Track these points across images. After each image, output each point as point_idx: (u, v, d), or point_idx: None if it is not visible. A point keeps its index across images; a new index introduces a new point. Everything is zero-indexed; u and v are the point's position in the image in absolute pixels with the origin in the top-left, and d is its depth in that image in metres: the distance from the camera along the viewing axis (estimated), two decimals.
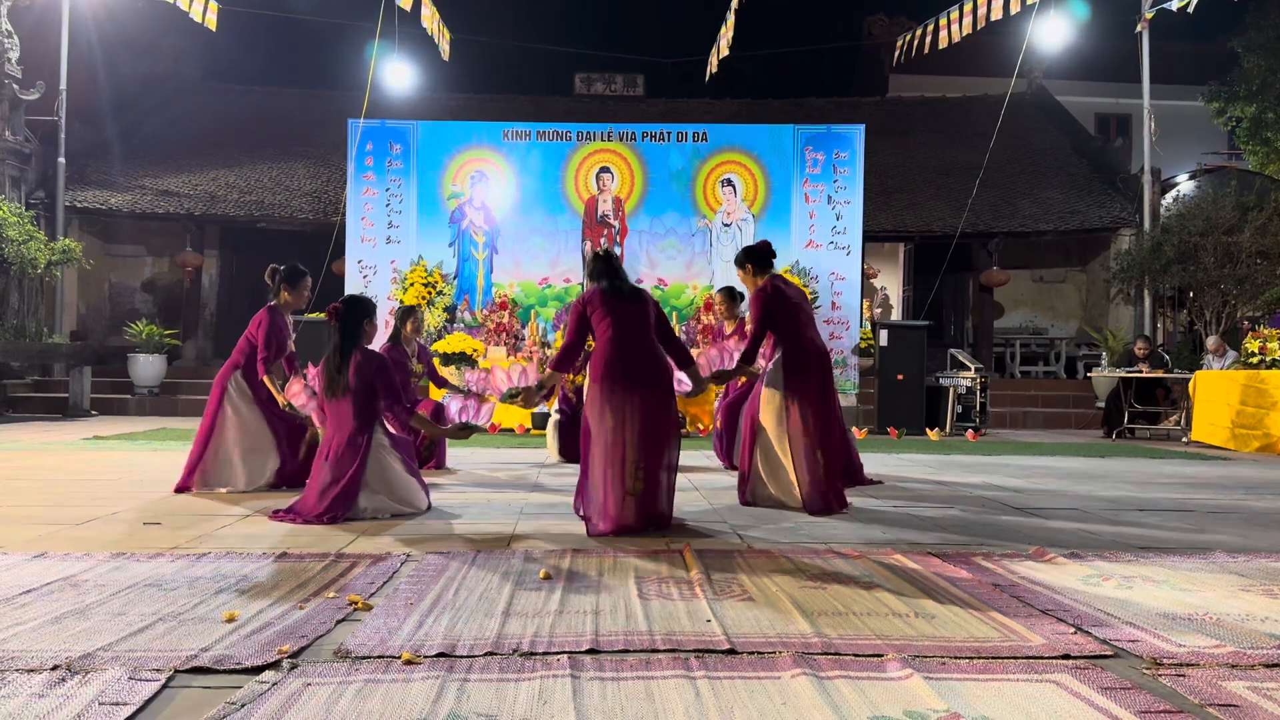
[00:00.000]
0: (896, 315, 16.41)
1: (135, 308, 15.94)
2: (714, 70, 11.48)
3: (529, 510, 4.61)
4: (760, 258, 4.89)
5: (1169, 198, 15.05)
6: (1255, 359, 9.22)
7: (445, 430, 4.42)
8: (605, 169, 12.52)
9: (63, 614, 2.52)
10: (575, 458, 4.76)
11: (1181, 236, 12.97)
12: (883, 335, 11.04)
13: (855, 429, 10.44)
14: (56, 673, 2.04)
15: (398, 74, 13.81)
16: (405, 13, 10.69)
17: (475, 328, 11.92)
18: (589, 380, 4.11)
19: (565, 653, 2.24)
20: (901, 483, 6.00)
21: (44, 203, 13.78)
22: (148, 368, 12.92)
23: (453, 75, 18.16)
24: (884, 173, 15.87)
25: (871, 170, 13.45)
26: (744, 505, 4.82)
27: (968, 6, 10.64)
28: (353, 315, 4.44)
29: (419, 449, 5.75)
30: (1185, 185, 15.66)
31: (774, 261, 4.94)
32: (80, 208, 14.34)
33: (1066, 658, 2.26)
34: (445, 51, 11.34)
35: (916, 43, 11.41)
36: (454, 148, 12.48)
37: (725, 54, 11.09)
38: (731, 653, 2.26)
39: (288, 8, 17.77)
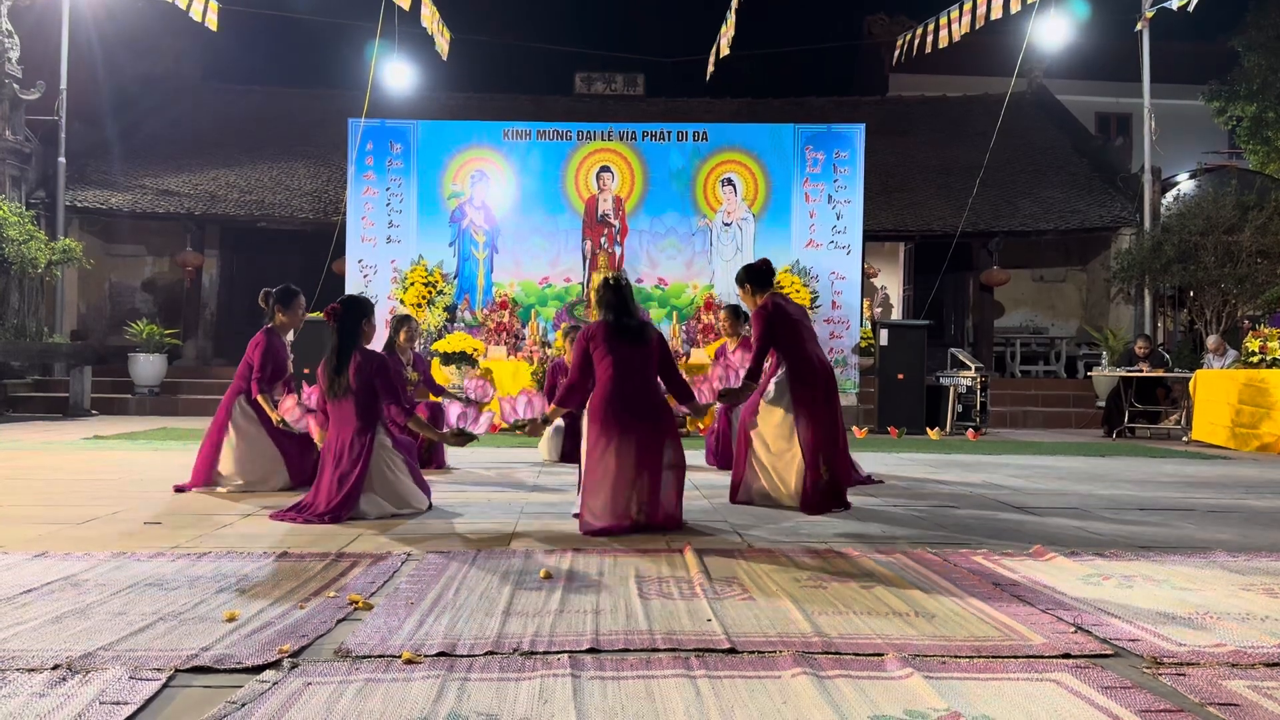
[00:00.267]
0: (897, 314, 16.41)
1: (135, 307, 15.94)
2: (713, 70, 11.47)
3: (529, 510, 4.61)
4: (760, 276, 4.94)
5: (1169, 197, 15.04)
6: (1256, 358, 9.22)
7: (442, 435, 4.42)
8: (605, 168, 12.52)
9: (63, 613, 2.53)
10: (575, 459, 4.76)
11: (1182, 236, 12.97)
12: (883, 334, 11.05)
13: (855, 428, 10.46)
14: (57, 672, 2.04)
15: (398, 73, 13.80)
16: (405, 12, 10.68)
17: (475, 327, 11.93)
18: (587, 417, 4.13)
19: (566, 652, 2.24)
20: (902, 482, 6.00)
21: (44, 202, 13.79)
22: (148, 367, 12.93)
23: (453, 75, 18.18)
24: (884, 172, 15.87)
25: (872, 169, 13.46)
26: (735, 504, 4.85)
27: (968, 5, 10.62)
28: (351, 315, 4.43)
29: (419, 450, 5.75)
30: (1186, 184, 15.65)
31: (773, 279, 5.01)
32: (80, 207, 14.34)
33: (1067, 657, 2.26)
34: (444, 51, 11.33)
35: (917, 42, 11.40)
36: (454, 147, 12.49)
37: (725, 53, 11.08)
38: (732, 652, 2.26)
39: (288, 7, 17.76)
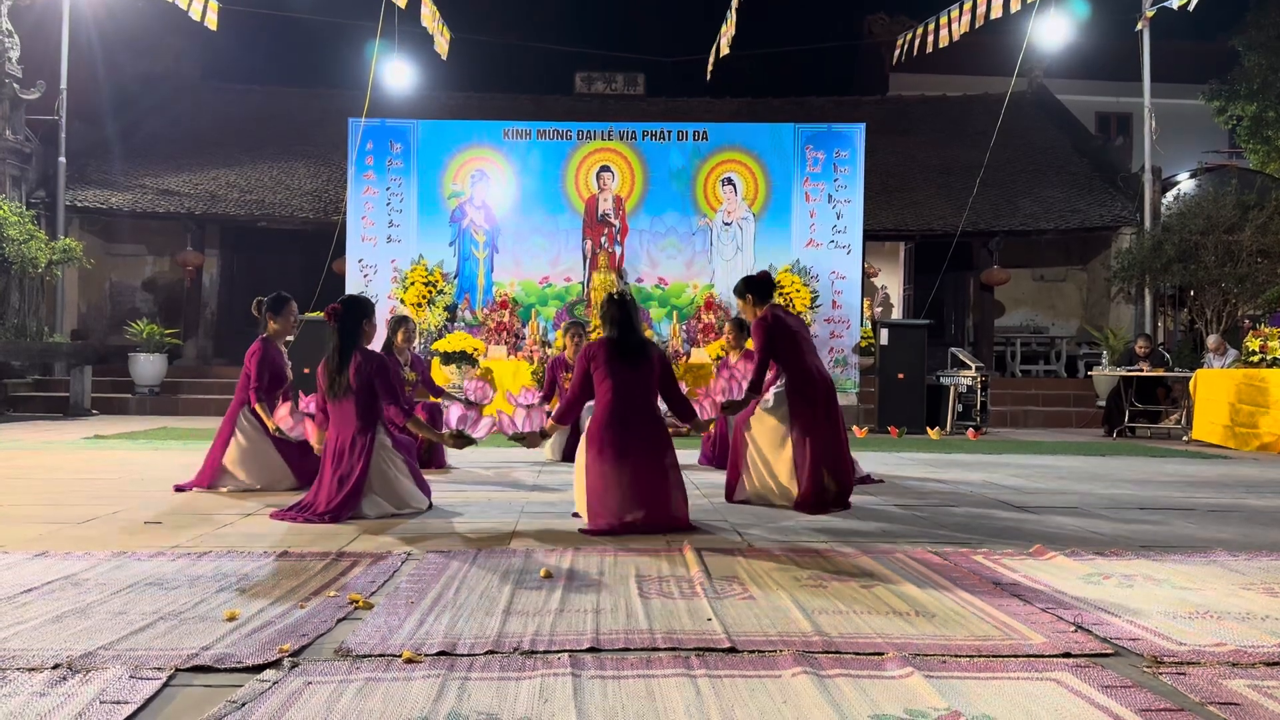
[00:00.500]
0: (897, 314, 16.41)
1: (136, 307, 15.94)
2: (713, 69, 11.47)
3: (530, 509, 4.61)
4: (761, 288, 4.95)
5: (1170, 196, 15.03)
6: (1256, 358, 9.23)
7: (440, 436, 4.41)
8: (606, 168, 12.52)
9: (64, 613, 2.53)
10: (574, 457, 4.76)
11: (1182, 235, 12.97)
12: (883, 334, 11.05)
13: (856, 428, 10.46)
14: (58, 671, 2.04)
15: (398, 73, 13.80)
16: (405, 12, 10.68)
17: (476, 327, 11.93)
18: (585, 440, 4.14)
19: (566, 651, 2.24)
20: (902, 481, 6.00)
21: (44, 202, 13.79)
22: (148, 367, 12.93)
23: (453, 74, 18.17)
24: (884, 171, 15.87)
25: (872, 169, 13.46)
26: (732, 504, 4.87)
27: (968, 5, 10.61)
28: (351, 315, 4.42)
29: (419, 449, 5.74)
30: (1186, 184, 15.64)
31: (774, 291, 5.03)
32: (81, 207, 14.34)
33: (1067, 656, 2.26)
34: (444, 51, 11.33)
35: (917, 41, 11.39)
36: (454, 147, 12.49)
37: (725, 53, 11.08)
38: (732, 651, 2.26)
39: (288, 7, 17.76)
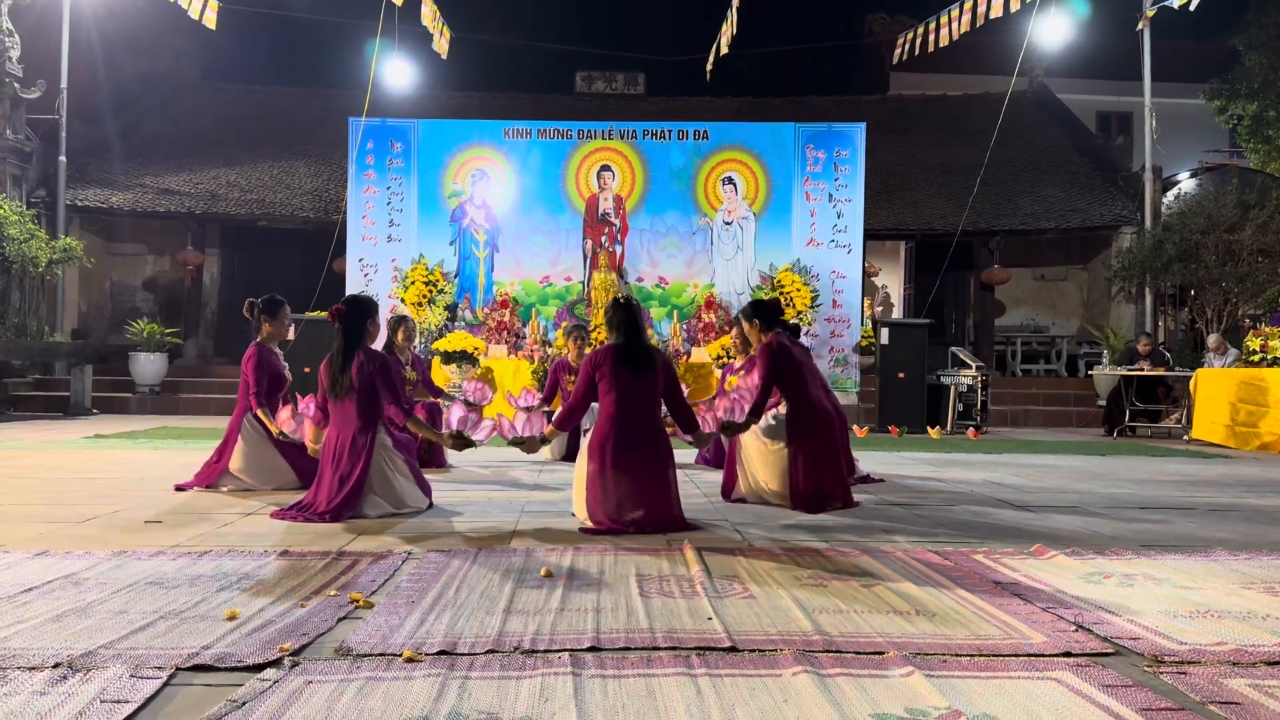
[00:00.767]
0: (898, 313, 16.41)
1: (136, 306, 15.95)
2: (713, 69, 11.47)
3: (530, 508, 4.61)
4: (768, 314, 4.93)
5: (1170, 196, 15.03)
6: (1256, 357, 9.22)
7: (440, 436, 4.41)
8: (606, 167, 12.51)
9: (64, 612, 2.53)
10: (575, 457, 4.76)
11: (1183, 234, 12.96)
12: (884, 333, 11.05)
13: (856, 427, 10.45)
14: (58, 670, 2.04)
15: (398, 72, 13.79)
16: (405, 11, 10.67)
17: (476, 326, 11.93)
18: (586, 452, 4.14)
19: (567, 650, 2.24)
20: (902, 481, 6.00)
21: (45, 201, 13.79)
22: (149, 366, 12.93)
23: (453, 73, 18.17)
24: (885, 171, 15.86)
25: (872, 168, 13.45)
26: (728, 501, 4.90)
27: (968, 4, 10.60)
28: (355, 315, 4.43)
29: (419, 449, 5.74)
30: (1186, 183, 15.64)
31: (781, 317, 4.99)
32: (81, 206, 14.34)
33: (1068, 655, 2.26)
34: (443, 50, 11.32)
35: (918, 41, 11.38)
36: (455, 146, 12.49)
37: (725, 52, 11.07)
38: (733, 650, 2.26)
39: (288, 6, 17.76)
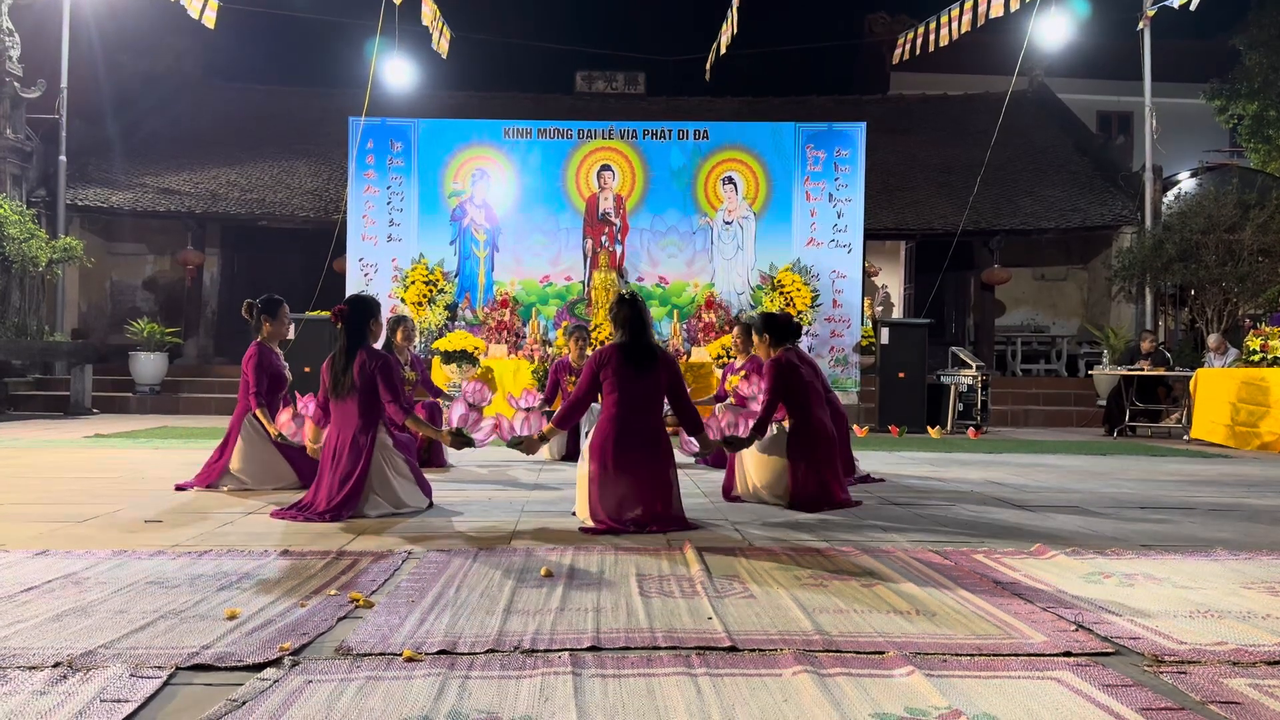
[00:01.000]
0: (898, 313, 16.41)
1: (136, 306, 15.95)
2: (712, 65, 11.46)
3: (530, 508, 4.61)
4: (781, 330, 4.90)
5: (1170, 195, 15.03)
6: (1256, 357, 9.22)
7: (439, 433, 4.41)
8: (606, 167, 12.51)
9: (64, 611, 2.52)
10: (576, 457, 4.76)
11: (1183, 234, 12.97)
12: (884, 333, 11.04)
13: (856, 427, 10.45)
14: (58, 670, 2.04)
15: (398, 72, 13.79)
16: (405, 10, 10.68)
17: (476, 325, 11.93)
18: (587, 452, 4.14)
19: (567, 650, 2.24)
20: (903, 480, 6.00)
21: (45, 201, 13.79)
22: (149, 366, 12.94)
23: (453, 73, 18.18)
24: (885, 170, 15.86)
25: (873, 168, 13.45)
26: (728, 500, 4.90)
27: (969, 4, 10.60)
28: (357, 315, 4.43)
29: (419, 449, 5.74)
30: (1187, 183, 15.64)
31: (792, 335, 4.95)
32: (81, 206, 14.35)
33: (1068, 655, 2.25)
34: (443, 49, 11.32)
35: (918, 40, 11.38)
36: (455, 145, 12.49)
37: (724, 51, 11.07)
38: (733, 650, 2.26)
39: (288, 6, 17.78)
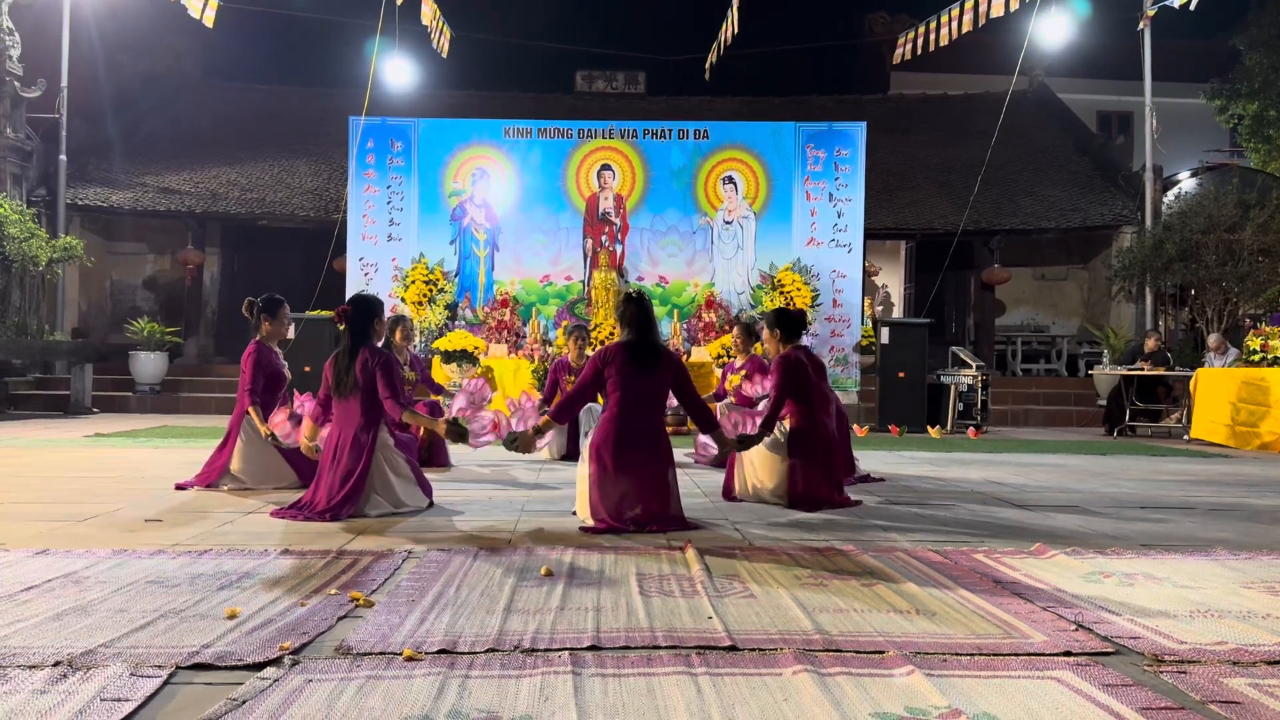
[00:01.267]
0: (898, 313, 16.41)
1: (136, 305, 15.95)
2: (712, 65, 11.46)
3: (530, 507, 4.61)
4: (792, 326, 4.92)
5: (1171, 195, 15.03)
6: (1257, 357, 9.22)
7: (438, 426, 4.40)
8: (606, 166, 12.51)
9: (64, 610, 2.52)
10: (576, 456, 4.76)
11: (1183, 234, 12.96)
12: (884, 333, 11.04)
13: (856, 426, 10.45)
14: (58, 669, 2.04)
15: (398, 71, 13.79)
16: (405, 10, 10.68)
17: (476, 325, 11.92)
18: (587, 453, 4.14)
19: (567, 649, 2.24)
20: (903, 480, 6.00)
21: (45, 200, 13.79)
22: (149, 365, 12.94)
23: (454, 72, 18.19)
24: (885, 170, 15.86)
25: (873, 168, 13.45)
26: (728, 500, 4.91)
27: (969, 4, 10.59)
28: (361, 315, 4.43)
29: (420, 449, 5.74)
30: (1187, 183, 15.63)
31: (802, 332, 4.99)
32: (81, 205, 14.34)
33: (1068, 654, 2.25)
34: (443, 49, 11.33)
35: (919, 40, 11.38)
36: (455, 145, 12.48)
37: (724, 51, 11.08)
38: (733, 649, 2.26)
39: (288, 5, 17.78)
